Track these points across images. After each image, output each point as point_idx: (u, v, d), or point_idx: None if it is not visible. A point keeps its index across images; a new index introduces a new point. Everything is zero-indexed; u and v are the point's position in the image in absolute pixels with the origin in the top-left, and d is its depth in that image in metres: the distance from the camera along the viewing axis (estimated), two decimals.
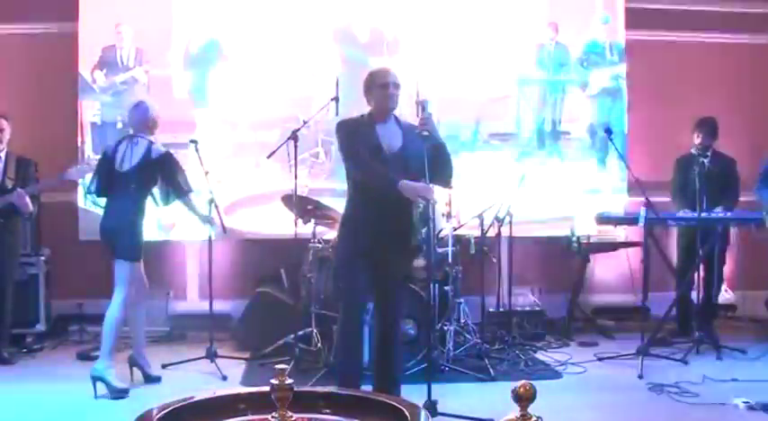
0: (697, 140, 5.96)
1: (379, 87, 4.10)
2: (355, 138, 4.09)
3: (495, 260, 5.79)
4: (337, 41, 6.59)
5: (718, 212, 5.62)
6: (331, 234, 5.60)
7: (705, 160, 5.77)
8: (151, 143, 4.82)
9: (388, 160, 4.04)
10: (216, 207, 5.23)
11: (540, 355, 5.68)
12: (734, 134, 6.65)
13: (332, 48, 6.58)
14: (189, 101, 6.51)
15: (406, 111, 4.78)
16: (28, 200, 5.33)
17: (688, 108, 6.37)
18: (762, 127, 7.00)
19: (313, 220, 5.46)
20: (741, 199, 6.00)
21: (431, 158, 3.94)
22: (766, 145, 6.60)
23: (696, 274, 5.77)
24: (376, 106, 4.15)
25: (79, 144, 6.38)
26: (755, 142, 6.80)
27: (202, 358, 5.29)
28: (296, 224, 5.24)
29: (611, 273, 6.70)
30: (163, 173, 4.82)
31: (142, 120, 4.87)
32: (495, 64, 6.71)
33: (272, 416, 2.05)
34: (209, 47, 6.54)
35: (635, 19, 6.89)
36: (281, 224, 5.69)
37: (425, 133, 3.97)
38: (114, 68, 6.46)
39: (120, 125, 6.29)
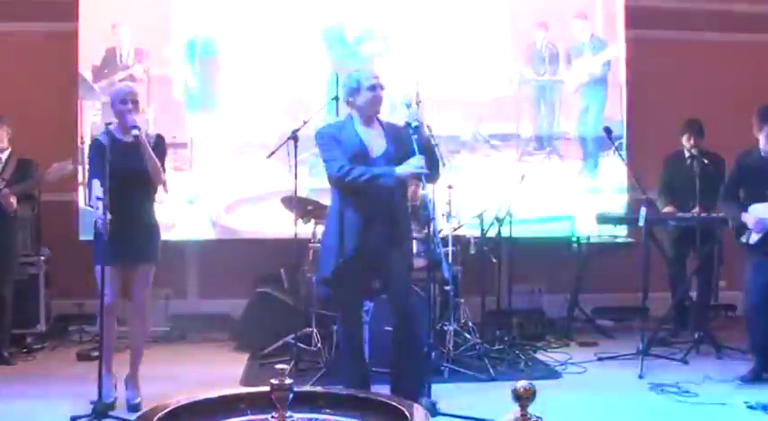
0: (689, 142, 5.96)
1: (368, 89, 4.08)
2: (338, 145, 4.06)
3: (495, 260, 5.78)
4: (328, 41, 6.58)
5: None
6: None
7: (705, 160, 5.78)
8: None
9: (375, 163, 4.04)
10: None
11: (540, 355, 5.68)
12: (734, 134, 6.64)
13: (327, 47, 6.58)
14: (189, 101, 6.51)
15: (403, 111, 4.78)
16: (12, 199, 5.32)
17: (688, 108, 6.37)
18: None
19: (313, 220, 5.46)
20: None
21: (421, 149, 3.93)
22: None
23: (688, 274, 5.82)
24: (363, 108, 4.12)
25: (79, 144, 6.37)
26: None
27: None
28: (296, 224, 5.24)
29: (611, 273, 6.69)
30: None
31: None
32: (494, 64, 6.71)
33: (272, 416, 2.06)
34: (209, 46, 6.53)
35: (635, 18, 6.88)
36: (281, 224, 5.69)
37: (415, 123, 3.95)
38: (113, 68, 6.45)
39: None
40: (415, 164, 3.92)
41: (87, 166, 4.55)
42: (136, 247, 4.31)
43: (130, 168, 4.19)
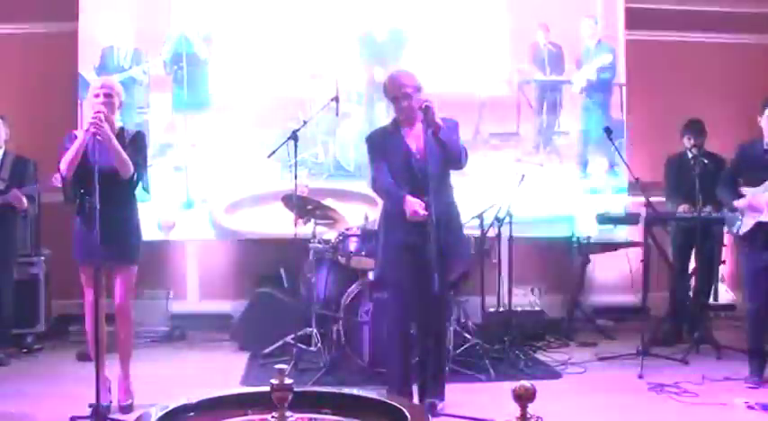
0: (690, 142, 5.96)
1: (399, 98, 4.16)
2: (382, 152, 4.18)
3: (495, 260, 5.78)
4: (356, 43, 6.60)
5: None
6: (331, 234, 5.60)
7: (705, 160, 5.78)
8: None
9: (420, 164, 4.08)
10: None
11: (540, 355, 5.68)
12: (733, 134, 6.64)
13: (335, 47, 6.57)
14: (189, 100, 6.50)
15: None
16: (24, 199, 5.37)
17: (688, 108, 6.37)
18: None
19: (313, 220, 5.46)
20: None
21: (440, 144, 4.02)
22: None
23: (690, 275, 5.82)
24: (397, 114, 4.23)
25: None
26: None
27: None
28: (296, 224, 5.24)
29: (611, 273, 6.70)
30: None
31: None
32: (495, 64, 6.71)
33: (272, 417, 2.06)
34: (209, 45, 6.53)
35: (635, 19, 6.88)
36: (281, 224, 5.68)
37: (424, 104, 3.98)
38: (112, 69, 6.44)
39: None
40: (419, 211, 3.99)
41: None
42: (110, 247, 4.05)
43: (101, 165, 3.98)
